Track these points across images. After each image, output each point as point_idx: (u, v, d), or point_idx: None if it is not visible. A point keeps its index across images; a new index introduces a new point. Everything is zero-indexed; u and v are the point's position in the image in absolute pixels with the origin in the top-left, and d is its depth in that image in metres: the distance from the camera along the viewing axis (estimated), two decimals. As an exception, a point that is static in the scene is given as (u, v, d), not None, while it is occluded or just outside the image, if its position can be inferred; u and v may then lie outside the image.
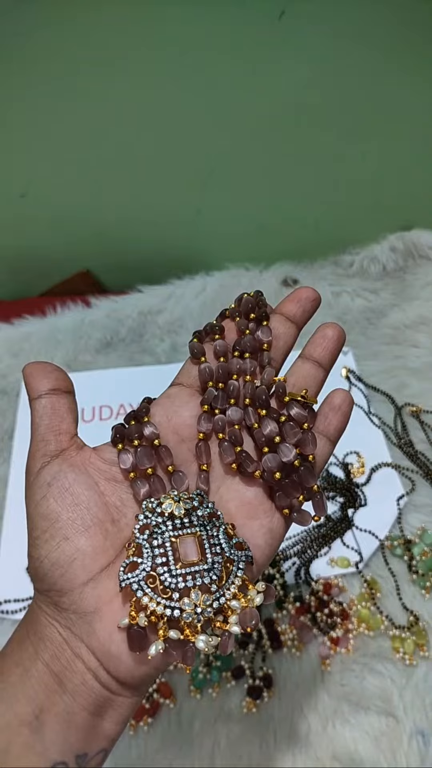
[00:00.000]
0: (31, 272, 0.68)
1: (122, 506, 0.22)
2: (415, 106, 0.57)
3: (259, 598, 0.21)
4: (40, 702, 0.19)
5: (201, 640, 0.20)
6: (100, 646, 0.20)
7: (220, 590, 0.21)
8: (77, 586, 0.20)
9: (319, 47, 0.51)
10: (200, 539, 0.21)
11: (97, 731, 0.20)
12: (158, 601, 0.20)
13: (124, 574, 0.20)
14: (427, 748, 0.38)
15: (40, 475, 0.22)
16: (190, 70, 0.52)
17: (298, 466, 0.23)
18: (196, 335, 0.26)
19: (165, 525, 0.21)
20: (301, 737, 0.38)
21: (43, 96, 0.52)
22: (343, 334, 0.26)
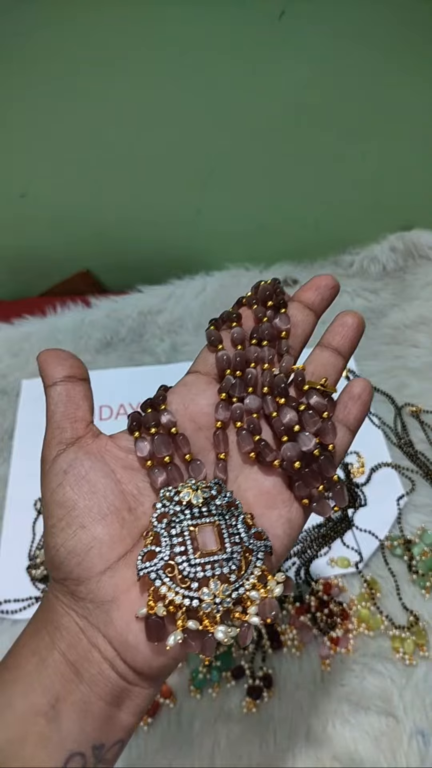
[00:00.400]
0: (31, 272, 0.68)
1: (139, 494, 0.22)
2: (415, 106, 0.57)
3: (279, 589, 0.20)
4: (57, 691, 0.19)
5: (220, 631, 0.19)
6: (118, 635, 0.20)
7: (240, 580, 0.20)
8: (94, 575, 0.20)
9: (319, 47, 0.51)
10: (219, 528, 0.21)
11: (113, 722, 0.20)
12: (177, 590, 0.20)
13: (142, 563, 0.20)
14: (427, 748, 0.38)
15: (56, 463, 0.21)
16: (190, 70, 0.52)
17: (318, 455, 0.23)
18: (212, 323, 0.26)
19: (183, 514, 0.21)
20: (300, 737, 0.38)
21: (44, 96, 0.52)
22: (362, 322, 0.25)
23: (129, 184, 0.61)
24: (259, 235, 0.69)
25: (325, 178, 0.63)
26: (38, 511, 0.48)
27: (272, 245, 0.69)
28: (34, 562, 0.45)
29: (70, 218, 0.63)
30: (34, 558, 0.46)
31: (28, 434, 0.53)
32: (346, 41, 0.51)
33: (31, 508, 0.49)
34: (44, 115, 0.53)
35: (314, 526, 0.47)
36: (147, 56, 0.50)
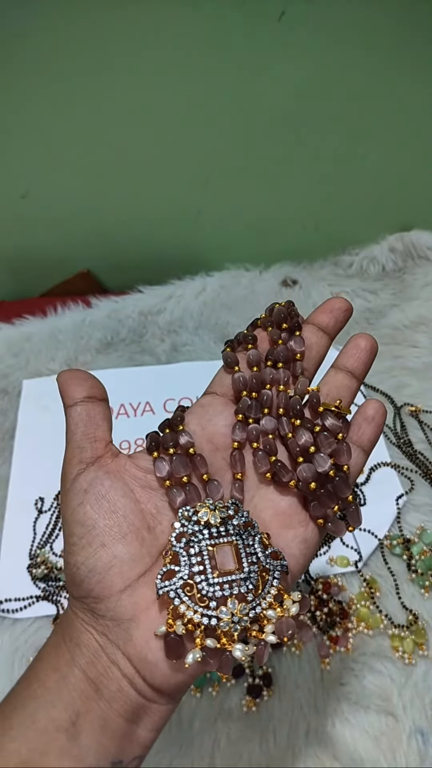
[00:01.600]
0: (31, 272, 0.68)
1: (158, 514, 0.22)
2: (415, 106, 0.57)
3: (295, 608, 0.21)
4: (77, 708, 0.19)
5: (238, 649, 0.20)
6: (137, 653, 0.20)
7: (257, 599, 0.21)
8: (114, 594, 0.20)
9: (318, 48, 0.52)
10: (236, 548, 0.21)
11: (132, 738, 0.20)
12: (195, 609, 0.20)
13: (161, 582, 0.20)
14: (427, 747, 0.38)
15: (77, 482, 0.22)
16: (190, 71, 0.52)
17: (333, 476, 0.23)
18: (228, 344, 0.26)
19: (201, 533, 0.21)
20: (300, 736, 0.38)
21: (44, 97, 0.52)
22: (375, 344, 0.26)
23: (129, 185, 0.61)
24: (259, 235, 0.69)
25: (324, 179, 0.63)
26: (39, 510, 0.49)
27: (272, 246, 0.69)
28: (35, 561, 0.46)
29: (70, 219, 0.63)
30: (34, 557, 0.46)
31: (28, 434, 0.53)
32: (346, 42, 0.51)
33: (32, 508, 0.49)
34: (45, 116, 0.54)
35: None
36: (147, 57, 0.50)
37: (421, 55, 0.53)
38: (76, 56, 0.49)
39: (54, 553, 0.46)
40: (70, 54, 0.49)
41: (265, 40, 0.50)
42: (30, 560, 0.46)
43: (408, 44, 0.52)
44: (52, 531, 0.47)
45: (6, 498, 0.49)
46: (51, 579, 0.45)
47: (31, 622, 0.43)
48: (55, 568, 0.45)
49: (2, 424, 0.54)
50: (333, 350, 0.27)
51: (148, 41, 0.49)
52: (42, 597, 0.44)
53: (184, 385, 0.57)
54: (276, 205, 0.66)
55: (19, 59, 0.49)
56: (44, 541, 0.47)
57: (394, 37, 0.52)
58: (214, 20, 0.48)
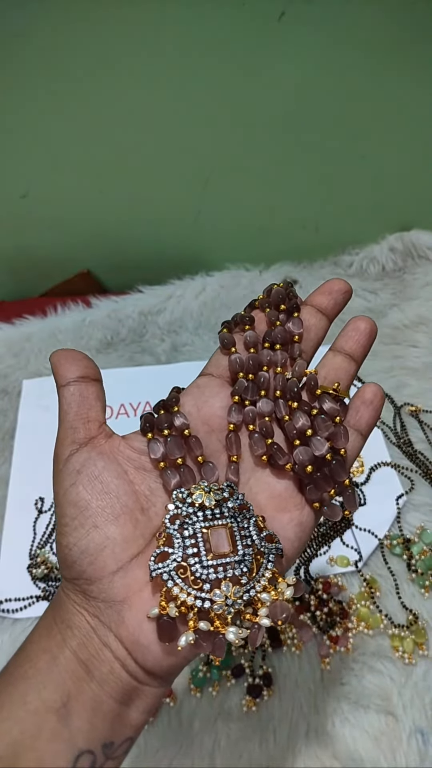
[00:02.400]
0: (32, 272, 0.68)
1: (151, 495, 0.22)
2: (415, 106, 0.57)
3: (290, 592, 0.21)
4: (68, 689, 0.19)
5: (231, 632, 0.19)
6: (129, 635, 0.20)
7: (251, 582, 0.20)
8: (106, 575, 0.20)
9: (318, 48, 0.52)
10: (231, 531, 0.21)
11: (123, 720, 0.20)
12: (189, 591, 0.20)
13: (154, 564, 0.20)
14: (427, 746, 0.38)
15: (69, 463, 0.21)
16: (190, 71, 0.52)
17: (330, 459, 0.23)
18: (225, 325, 0.26)
19: (196, 516, 0.21)
20: (300, 736, 0.38)
21: (44, 97, 0.52)
22: (375, 327, 0.25)
23: (129, 185, 0.61)
24: (259, 235, 0.69)
25: (324, 179, 0.63)
26: (39, 510, 0.49)
27: (272, 246, 0.69)
28: (35, 561, 0.46)
29: (70, 219, 0.64)
30: (34, 557, 0.46)
31: (28, 434, 0.53)
32: (346, 42, 0.51)
33: (32, 508, 0.49)
34: (45, 116, 0.54)
35: (314, 525, 0.47)
36: (147, 57, 0.50)
37: (420, 55, 0.53)
38: (76, 56, 0.49)
39: (54, 553, 0.46)
40: (70, 54, 0.49)
41: (265, 40, 0.50)
42: (30, 560, 0.46)
43: (408, 44, 0.52)
44: (52, 531, 0.47)
45: (6, 498, 0.49)
46: (51, 579, 0.45)
47: (31, 622, 0.43)
48: (55, 568, 0.45)
49: (2, 424, 0.54)
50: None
51: (148, 41, 0.49)
52: (42, 597, 0.44)
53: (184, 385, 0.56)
54: (276, 205, 0.66)
55: (19, 59, 0.49)
56: (44, 541, 0.47)
57: (394, 37, 0.52)
58: (214, 20, 0.48)
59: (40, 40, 0.48)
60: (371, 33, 0.51)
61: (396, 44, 0.52)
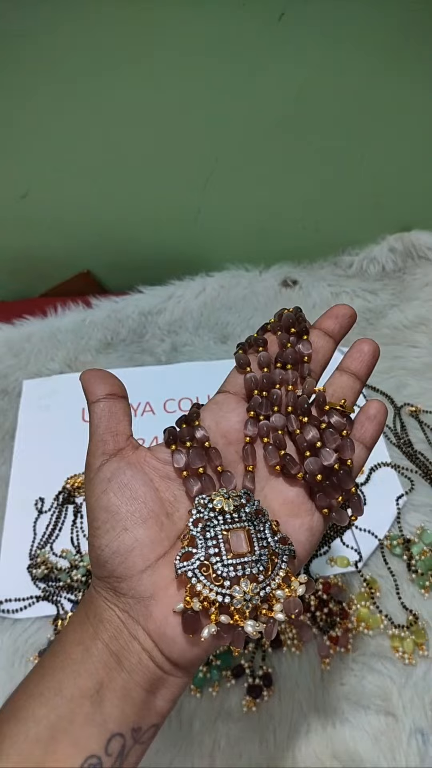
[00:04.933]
0: (32, 273, 0.68)
1: (175, 501, 0.24)
2: (415, 106, 0.57)
3: (302, 589, 0.22)
4: (101, 678, 0.21)
5: (249, 625, 0.21)
6: (156, 628, 0.21)
7: (267, 580, 0.22)
8: (136, 573, 0.22)
9: (318, 48, 0.52)
10: (249, 533, 0.23)
11: (150, 707, 0.21)
12: (211, 588, 0.21)
13: (180, 563, 0.22)
14: (427, 747, 0.38)
15: (101, 471, 0.23)
16: (190, 71, 0.52)
17: (338, 469, 0.25)
18: (240, 347, 0.28)
19: (216, 519, 0.23)
20: (300, 736, 0.38)
21: (44, 97, 0.52)
22: (377, 349, 0.28)
23: (130, 185, 0.61)
24: (259, 235, 0.69)
25: (324, 179, 0.63)
26: (39, 510, 0.49)
27: (272, 246, 0.69)
28: (35, 562, 0.46)
29: (70, 219, 0.64)
30: (34, 557, 0.46)
31: (29, 434, 0.53)
32: (346, 42, 0.51)
33: (32, 508, 0.49)
34: (45, 116, 0.54)
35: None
36: (147, 57, 0.50)
37: (420, 55, 0.53)
38: (76, 56, 0.49)
39: (54, 554, 0.46)
40: (70, 54, 0.49)
41: (265, 40, 0.50)
42: (30, 560, 0.46)
43: (408, 44, 0.52)
44: (52, 531, 0.47)
45: (6, 498, 0.49)
46: (51, 579, 0.45)
47: (31, 622, 0.43)
48: (55, 568, 0.45)
49: (2, 424, 0.54)
50: (338, 353, 0.29)
51: (148, 41, 0.49)
52: (42, 597, 0.44)
53: (184, 385, 0.57)
54: (276, 205, 0.66)
55: (19, 59, 0.49)
56: (44, 541, 0.47)
57: (394, 37, 0.52)
58: (214, 20, 0.48)
59: (40, 40, 0.48)
60: (371, 33, 0.51)
61: (396, 44, 0.52)
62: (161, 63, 0.51)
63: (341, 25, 0.50)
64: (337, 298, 0.64)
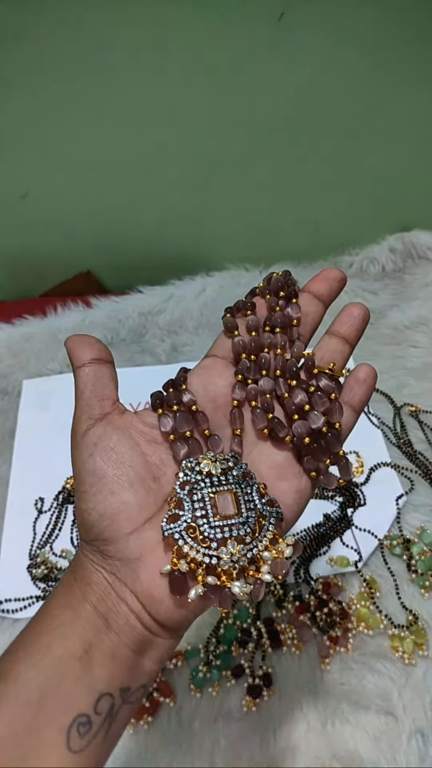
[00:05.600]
0: (32, 273, 0.68)
1: (162, 465, 0.24)
2: (415, 106, 0.57)
3: (289, 551, 0.22)
4: (89, 639, 0.21)
5: (236, 586, 0.21)
6: (144, 590, 0.21)
7: (254, 542, 0.22)
8: (122, 536, 0.22)
9: (318, 48, 0.52)
10: (236, 495, 0.23)
11: (138, 668, 0.22)
12: (198, 549, 0.21)
13: (166, 525, 0.22)
14: (427, 747, 0.38)
15: (87, 436, 0.23)
16: (190, 71, 0.52)
17: (326, 432, 0.25)
18: (228, 311, 0.27)
19: (203, 482, 0.23)
20: (300, 736, 0.38)
21: (44, 97, 0.52)
22: (368, 312, 0.28)
23: (130, 185, 0.61)
24: (259, 235, 0.69)
25: (324, 179, 0.63)
26: (39, 510, 0.49)
27: (272, 246, 0.69)
28: (35, 561, 0.46)
29: (70, 219, 0.64)
30: (34, 557, 0.46)
31: (28, 434, 0.53)
32: (346, 42, 0.51)
33: (32, 508, 0.49)
34: (45, 116, 0.54)
35: (314, 525, 0.47)
36: (147, 57, 0.50)
37: (420, 55, 0.53)
38: (76, 56, 0.49)
39: (54, 553, 0.46)
40: (70, 54, 0.49)
41: (265, 40, 0.50)
42: (30, 560, 0.46)
43: (408, 44, 0.52)
44: (52, 531, 0.47)
45: (6, 498, 0.49)
46: (51, 579, 0.45)
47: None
48: (55, 568, 0.45)
49: (2, 424, 0.54)
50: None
51: (148, 42, 0.49)
52: (42, 597, 0.44)
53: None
54: (276, 206, 0.66)
55: (19, 59, 0.49)
56: (44, 541, 0.47)
57: (394, 37, 0.52)
58: (214, 21, 0.48)
59: (40, 40, 0.48)
60: (371, 33, 0.51)
61: (396, 44, 0.52)
62: (161, 63, 0.51)
63: (341, 25, 0.50)
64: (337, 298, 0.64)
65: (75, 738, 0.19)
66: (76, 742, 0.19)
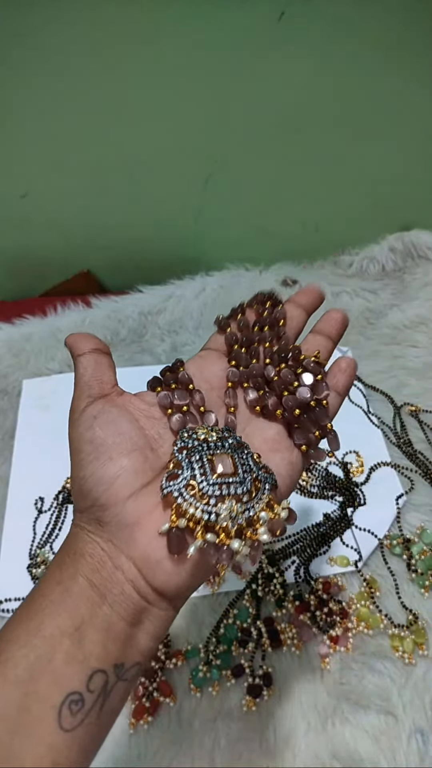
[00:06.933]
0: (32, 273, 0.68)
1: (160, 438, 0.25)
2: (415, 106, 0.58)
3: (285, 513, 0.23)
4: (81, 614, 0.20)
5: (235, 542, 0.21)
6: (141, 553, 0.21)
7: (251, 502, 0.23)
8: (120, 501, 0.22)
9: (318, 48, 0.52)
10: (233, 458, 0.23)
11: (133, 643, 0.21)
12: (196, 506, 0.22)
13: (166, 483, 0.22)
14: (426, 746, 0.38)
15: (86, 411, 0.24)
16: (190, 71, 0.52)
17: (314, 406, 0.26)
18: (219, 317, 0.30)
19: (201, 446, 0.23)
20: (300, 736, 0.38)
21: (44, 97, 0.52)
22: (347, 317, 0.30)
23: (130, 185, 0.61)
24: (259, 235, 0.69)
25: (324, 179, 0.63)
26: (39, 510, 0.49)
27: (272, 246, 0.69)
28: (35, 561, 0.46)
29: (70, 219, 0.64)
30: (34, 557, 0.46)
31: (29, 434, 0.53)
32: (346, 42, 0.52)
33: (32, 508, 0.49)
34: (45, 116, 0.54)
35: (314, 524, 0.47)
36: (147, 57, 0.50)
37: (420, 55, 0.53)
38: (76, 56, 0.50)
39: (54, 553, 0.46)
40: (70, 54, 0.49)
41: (265, 40, 0.50)
42: (30, 560, 0.46)
43: (407, 44, 0.52)
44: (52, 531, 0.47)
45: (6, 498, 0.49)
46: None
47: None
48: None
49: (2, 424, 0.54)
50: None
51: (148, 41, 0.49)
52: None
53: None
54: (276, 205, 0.66)
55: (19, 59, 0.49)
56: (44, 541, 0.47)
57: (394, 36, 0.52)
58: (214, 21, 0.48)
59: (40, 40, 0.48)
60: (371, 33, 0.51)
61: (396, 44, 0.52)
62: (161, 63, 0.51)
63: (341, 25, 0.50)
64: (337, 298, 0.64)
65: (67, 716, 0.19)
66: (67, 721, 0.19)
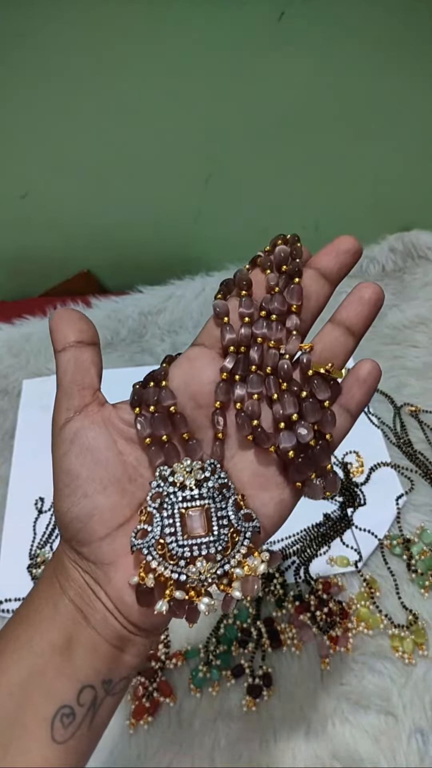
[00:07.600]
0: (31, 273, 0.68)
1: (138, 466, 0.23)
2: (415, 106, 0.58)
3: (263, 567, 0.22)
4: (69, 632, 0.21)
5: (203, 603, 0.21)
6: (116, 593, 0.22)
7: (225, 558, 0.22)
8: (95, 540, 0.22)
9: (318, 48, 0.52)
10: (208, 512, 0.22)
11: (119, 662, 0.22)
12: (165, 566, 0.21)
13: (135, 539, 0.22)
14: (426, 746, 0.38)
15: (64, 430, 0.23)
16: (190, 71, 0.52)
17: (314, 445, 0.23)
18: (222, 288, 0.25)
19: (175, 495, 0.22)
20: (300, 736, 0.38)
21: (44, 96, 0.52)
22: (382, 296, 0.24)
23: (130, 185, 0.61)
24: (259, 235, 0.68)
25: (324, 179, 0.63)
26: (39, 510, 0.49)
27: (272, 246, 0.69)
28: (35, 561, 0.46)
29: (70, 219, 0.64)
30: (34, 557, 0.46)
31: (29, 434, 0.53)
32: (346, 42, 0.52)
33: (32, 508, 0.49)
34: (45, 116, 0.54)
35: (314, 525, 0.47)
36: (147, 57, 0.50)
37: (420, 55, 0.53)
38: (76, 56, 0.50)
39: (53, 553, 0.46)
40: (70, 54, 0.49)
41: (265, 40, 0.50)
42: (30, 560, 0.46)
43: (407, 44, 0.52)
44: (52, 531, 0.47)
45: (6, 498, 0.49)
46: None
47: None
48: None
49: (2, 424, 0.54)
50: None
51: (148, 41, 0.49)
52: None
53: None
54: (276, 205, 0.66)
55: (19, 59, 0.49)
56: (44, 541, 0.47)
57: (394, 36, 0.52)
58: (214, 20, 0.48)
59: (40, 40, 0.48)
60: (371, 33, 0.51)
61: (396, 44, 0.52)
62: (161, 63, 0.51)
63: (341, 25, 0.50)
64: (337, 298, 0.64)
65: (59, 728, 0.19)
66: (59, 733, 0.19)
